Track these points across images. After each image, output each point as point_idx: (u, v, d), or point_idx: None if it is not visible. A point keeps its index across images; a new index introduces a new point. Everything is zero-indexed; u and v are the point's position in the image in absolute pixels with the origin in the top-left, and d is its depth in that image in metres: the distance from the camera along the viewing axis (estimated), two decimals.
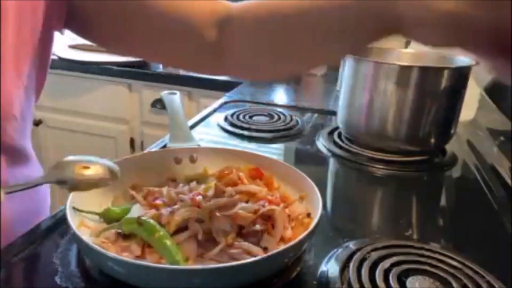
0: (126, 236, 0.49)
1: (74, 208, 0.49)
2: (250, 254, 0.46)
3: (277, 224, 0.49)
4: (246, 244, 0.47)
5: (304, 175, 0.58)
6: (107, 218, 0.52)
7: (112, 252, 0.44)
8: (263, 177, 0.61)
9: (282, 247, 0.43)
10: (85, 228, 0.50)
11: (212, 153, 0.66)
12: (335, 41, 0.43)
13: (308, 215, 0.53)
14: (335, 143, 0.88)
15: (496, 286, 0.45)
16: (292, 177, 0.59)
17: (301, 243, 0.44)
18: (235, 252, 0.46)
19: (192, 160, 0.65)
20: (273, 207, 0.50)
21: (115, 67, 1.64)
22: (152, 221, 0.48)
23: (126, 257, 0.45)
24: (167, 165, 0.63)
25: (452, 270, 0.46)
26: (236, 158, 0.64)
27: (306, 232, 0.45)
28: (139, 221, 0.47)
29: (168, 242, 0.46)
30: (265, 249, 0.47)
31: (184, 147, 0.68)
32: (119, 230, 0.49)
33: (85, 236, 0.46)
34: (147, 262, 0.44)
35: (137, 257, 0.46)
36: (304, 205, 0.56)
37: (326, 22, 0.42)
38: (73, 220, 0.46)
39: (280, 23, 0.46)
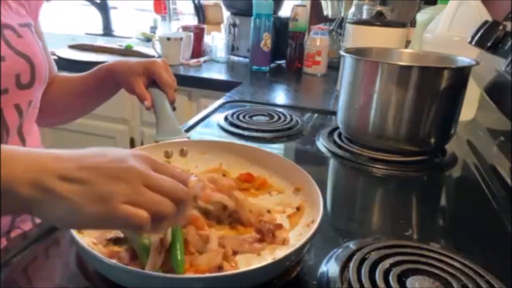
0: (116, 241, 0.47)
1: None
2: None
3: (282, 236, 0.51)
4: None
5: (298, 166, 0.58)
6: None
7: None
8: (255, 180, 0.61)
9: (283, 254, 0.43)
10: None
11: (202, 146, 0.66)
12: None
13: (298, 208, 0.54)
14: (335, 143, 0.88)
15: (496, 286, 0.45)
16: (286, 169, 0.60)
17: (302, 247, 0.44)
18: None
19: (183, 154, 0.65)
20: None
21: None
22: None
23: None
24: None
25: (452, 270, 0.46)
26: (226, 150, 0.64)
27: (309, 234, 0.45)
28: None
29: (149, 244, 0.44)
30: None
31: (174, 140, 0.66)
32: (111, 235, 0.48)
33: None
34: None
35: (125, 265, 0.44)
36: (300, 197, 0.56)
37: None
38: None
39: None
